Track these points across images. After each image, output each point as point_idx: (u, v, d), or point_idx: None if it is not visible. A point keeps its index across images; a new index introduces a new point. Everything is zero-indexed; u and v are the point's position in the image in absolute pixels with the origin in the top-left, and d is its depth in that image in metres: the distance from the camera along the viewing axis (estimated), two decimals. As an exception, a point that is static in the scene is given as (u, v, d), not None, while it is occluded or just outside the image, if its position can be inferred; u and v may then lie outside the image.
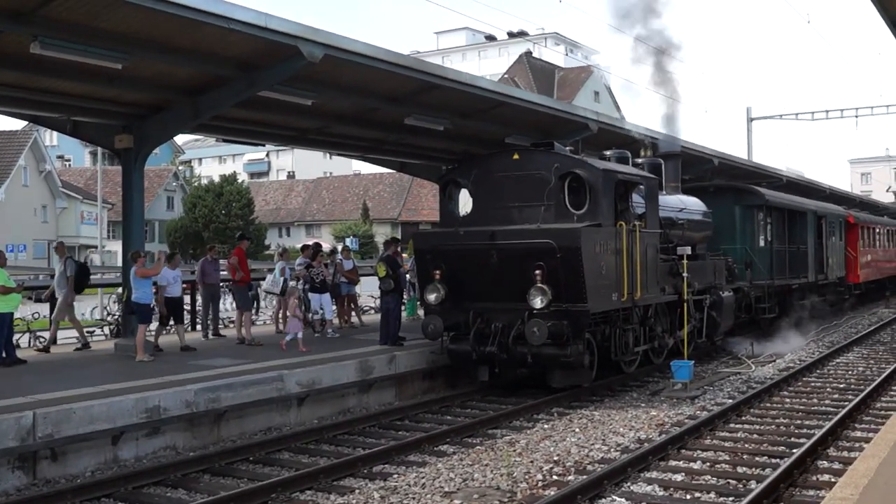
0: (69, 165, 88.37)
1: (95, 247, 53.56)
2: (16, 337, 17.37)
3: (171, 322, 17.88)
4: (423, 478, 10.72)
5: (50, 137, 73.55)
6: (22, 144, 62.17)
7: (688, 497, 9.97)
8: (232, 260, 19.89)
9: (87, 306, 33.32)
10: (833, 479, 9.89)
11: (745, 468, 11.15)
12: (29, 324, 21.97)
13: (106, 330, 23.26)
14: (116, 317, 23.38)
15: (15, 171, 61.02)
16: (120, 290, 20.32)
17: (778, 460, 11.20)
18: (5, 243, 42.85)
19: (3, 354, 15.44)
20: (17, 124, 67.37)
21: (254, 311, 28.36)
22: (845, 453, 11.62)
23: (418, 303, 22.24)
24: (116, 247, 44.20)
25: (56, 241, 64.88)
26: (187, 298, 22.68)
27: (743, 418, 14.23)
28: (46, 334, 18.96)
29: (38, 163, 64.80)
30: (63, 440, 11.19)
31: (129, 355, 16.12)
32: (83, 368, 15.06)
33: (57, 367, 15.27)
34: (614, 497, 9.93)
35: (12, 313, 15.97)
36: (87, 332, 23.03)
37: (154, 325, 18.00)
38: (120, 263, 19.61)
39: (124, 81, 14.81)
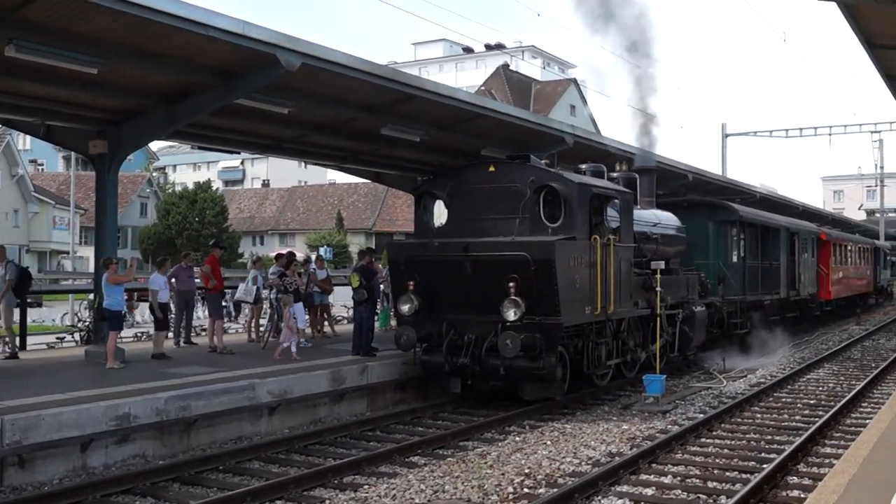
0: (42, 170, 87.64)
1: (67, 252, 53.24)
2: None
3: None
4: (393, 489, 10.69)
5: (23, 141, 72.91)
6: (-6, 148, 61.87)
7: (658, 511, 10.00)
8: (204, 268, 19.82)
9: (58, 312, 33.15)
10: (803, 495, 9.93)
11: (715, 483, 11.15)
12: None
13: (77, 336, 23.11)
14: (87, 323, 23.24)
15: (-14, 175, 60.74)
16: (91, 296, 20.18)
17: (748, 475, 11.24)
18: (-25, 248, 42.42)
19: None
20: (-11, 127, 66.90)
21: (233, 319, 28.32)
22: (815, 469, 11.64)
23: (391, 313, 22.23)
24: (88, 253, 43.95)
25: (26, 245, 64.86)
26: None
27: (714, 433, 14.27)
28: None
29: (11, 167, 64.42)
30: (31, 447, 11.08)
31: (100, 362, 16.00)
32: (53, 375, 14.94)
33: (26, 374, 15.13)
34: (585, 510, 9.93)
35: None
36: (58, 338, 22.95)
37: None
38: (92, 269, 19.45)
39: (100, 86, 14.71)
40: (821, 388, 19.05)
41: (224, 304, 22.49)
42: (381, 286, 21.29)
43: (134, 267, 19.98)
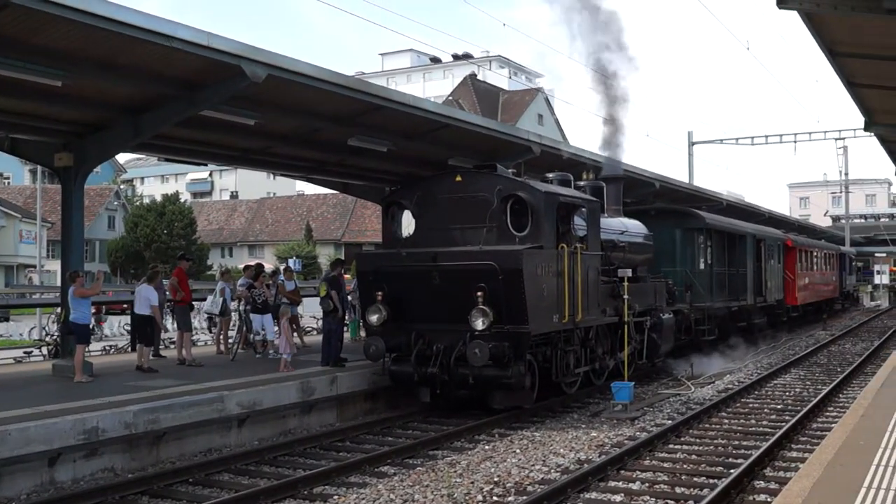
0: (8, 183, 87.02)
1: (34, 266, 52.81)
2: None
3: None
4: (363, 499, 10.70)
5: (-12, 155, 72.35)
6: (-42, 163, 61.41)
7: (627, 517, 10.05)
8: (172, 280, 19.72)
9: (26, 326, 32.90)
10: (769, 499, 10.04)
11: (683, 488, 11.24)
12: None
13: (44, 350, 22.96)
14: (55, 337, 23.09)
15: (-49, 189, 60.25)
16: (59, 309, 20.04)
17: (716, 480, 11.30)
18: (-60, 262, 42.33)
19: None
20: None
21: (208, 331, 28.21)
22: (781, 473, 11.75)
23: (360, 324, 22.21)
24: (56, 266, 43.60)
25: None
26: (128, 319, 22.50)
27: (682, 439, 14.35)
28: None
29: (-25, 181, 64.02)
30: (-3, 462, 11.01)
31: (68, 376, 15.91)
32: (19, 389, 14.81)
33: (-8, 388, 15.03)
34: (554, 518, 9.96)
35: None
36: (25, 352, 22.79)
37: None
38: (59, 283, 19.34)
39: (64, 99, 14.64)
40: (787, 394, 19.21)
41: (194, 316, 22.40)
42: (350, 297, 21.26)
43: (101, 280, 19.82)
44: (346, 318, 20.80)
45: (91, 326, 16.69)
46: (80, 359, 15.91)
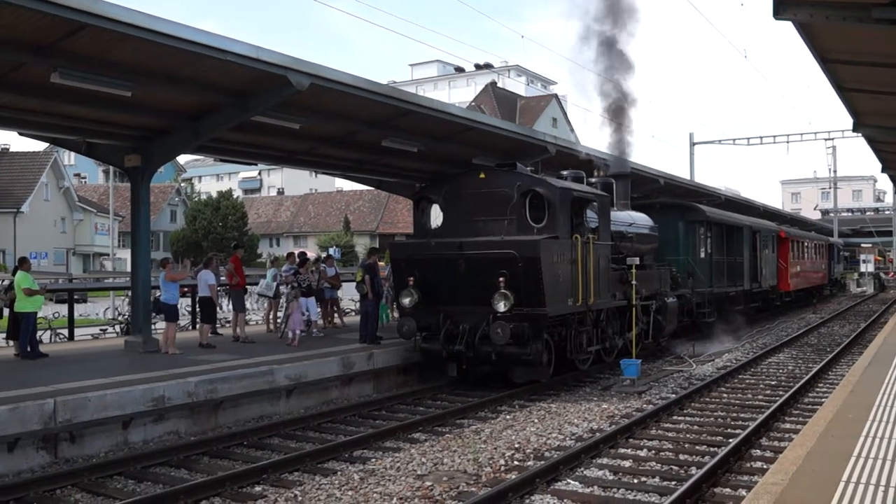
0: (85, 182, 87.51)
1: (107, 254, 53.33)
2: (38, 334, 17.40)
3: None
4: (398, 462, 10.77)
5: (68, 157, 72.97)
6: (43, 164, 62.60)
7: (635, 481, 10.02)
8: (229, 266, 19.93)
9: (101, 307, 33.29)
10: (765, 466, 9.98)
11: (686, 455, 11.22)
12: (50, 322, 22.00)
13: (117, 328, 23.24)
14: (126, 316, 23.35)
15: (37, 187, 61.31)
16: (129, 292, 20.23)
17: (716, 449, 11.29)
18: (29, 251, 42.95)
19: (28, 349, 15.48)
20: (39, 146, 67.20)
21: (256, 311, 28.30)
22: (776, 443, 11.71)
23: (389, 310, 22.34)
24: (126, 254, 43.93)
25: (73, 249, 65.13)
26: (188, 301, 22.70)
27: (685, 411, 14.32)
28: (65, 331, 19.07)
29: (58, 180, 64.97)
30: (80, 424, 11.26)
31: (137, 351, 16.15)
32: (97, 362, 15.05)
33: (74, 361, 15.25)
34: (569, 480, 9.97)
35: (36, 313, 16.09)
36: (101, 329, 23.11)
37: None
38: (129, 269, 19.53)
39: (133, 107, 14.75)
40: (781, 371, 19.10)
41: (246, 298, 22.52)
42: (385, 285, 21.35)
43: (188, 267, 20.02)
44: (381, 301, 20.90)
45: (175, 306, 16.90)
46: (172, 334, 16.37)
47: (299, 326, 17.90)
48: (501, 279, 15.06)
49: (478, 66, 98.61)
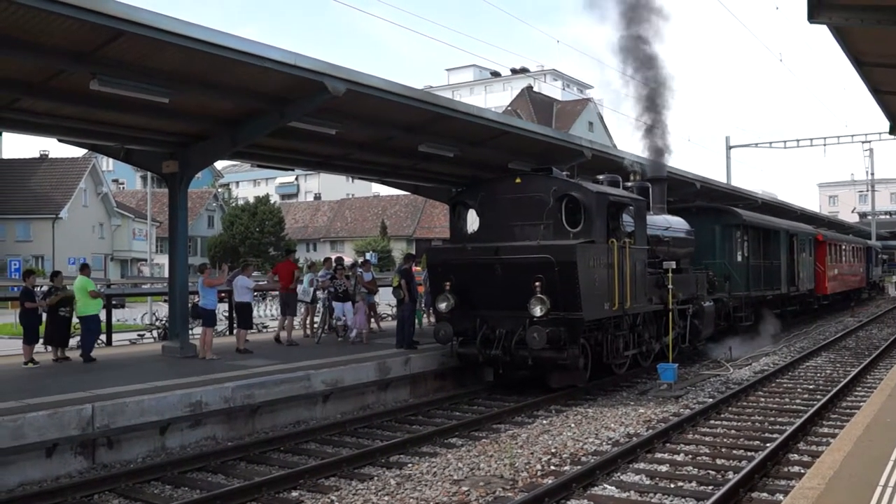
0: (123, 188, 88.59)
1: (145, 260, 53.82)
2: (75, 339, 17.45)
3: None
4: (434, 467, 10.72)
5: (106, 163, 73.80)
6: (82, 170, 63.46)
7: (672, 486, 9.92)
8: (272, 278, 20.14)
9: (139, 312, 33.54)
10: (802, 471, 9.85)
11: (723, 460, 11.10)
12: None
13: (154, 333, 23.35)
14: (163, 322, 23.46)
15: (76, 193, 62.13)
16: (167, 297, 20.38)
17: (753, 453, 11.16)
18: (67, 256, 43.42)
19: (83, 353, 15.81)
20: (77, 152, 67.87)
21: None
22: (814, 447, 11.54)
23: (424, 314, 22.33)
24: (163, 260, 44.38)
25: (111, 254, 65.85)
26: (224, 307, 22.79)
27: (722, 416, 14.17)
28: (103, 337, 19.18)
29: (96, 186, 65.85)
30: (118, 430, 11.30)
31: (175, 356, 16.20)
32: (135, 367, 15.14)
33: (112, 367, 15.31)
34: (606, 485, 9.90)
35: (98, 315, 16.28)
36: (139, 335, 23.26)
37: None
38: (167, 275, 19.68)
39: (171, 114, 14.87)
40: (819, 375, 18.86)
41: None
42: (420, 291, 21.31)
43: (226, 272, 20.13)
44: (416, 306, 20.90)
45: (214, 311, 16.97)
46: (209, 339, 16.41)
47: (364, 326, 17.98)
48: (537, 284, 14.97)
49: (514, 71, 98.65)
